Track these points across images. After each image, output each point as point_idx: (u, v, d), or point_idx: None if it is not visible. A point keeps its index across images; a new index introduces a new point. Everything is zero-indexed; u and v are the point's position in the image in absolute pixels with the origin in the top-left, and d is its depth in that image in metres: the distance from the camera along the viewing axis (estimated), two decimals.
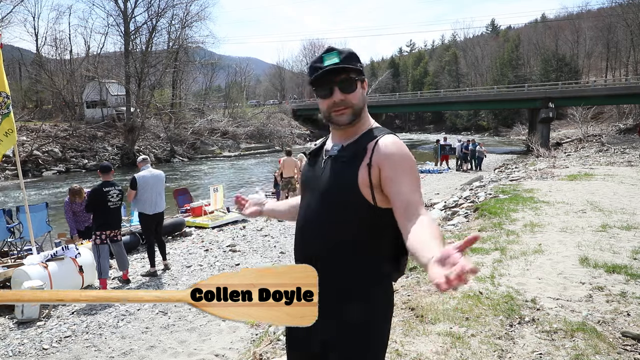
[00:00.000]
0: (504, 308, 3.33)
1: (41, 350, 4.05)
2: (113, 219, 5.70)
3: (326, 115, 1.45)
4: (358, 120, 1.45)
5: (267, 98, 71.42)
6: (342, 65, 1.38)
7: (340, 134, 1.50)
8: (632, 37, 44.86)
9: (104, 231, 5.58)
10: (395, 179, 1.34)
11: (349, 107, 1.41)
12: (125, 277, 5.94)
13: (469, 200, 9.09)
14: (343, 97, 1.40)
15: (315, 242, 1.43)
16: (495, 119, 60.47)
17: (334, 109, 1.42)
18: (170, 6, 37.07)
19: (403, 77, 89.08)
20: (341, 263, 1.42)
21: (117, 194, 5.66)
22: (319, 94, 1.44)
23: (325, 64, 1.39)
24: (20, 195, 12.99)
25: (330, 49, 1.42)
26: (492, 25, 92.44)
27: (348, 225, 1.41)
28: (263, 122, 47.35)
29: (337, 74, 1.39)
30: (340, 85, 1.39)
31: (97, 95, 37.02)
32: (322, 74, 1.39)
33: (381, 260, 1.45)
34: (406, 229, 1.26)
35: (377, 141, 1.41)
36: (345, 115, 1.42)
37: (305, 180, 1.56)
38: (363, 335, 1.42)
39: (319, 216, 1.43)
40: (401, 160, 1.37)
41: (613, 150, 21.36)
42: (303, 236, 1.48)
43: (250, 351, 3.47)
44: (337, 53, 1.40)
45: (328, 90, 1.41)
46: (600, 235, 5.32)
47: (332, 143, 1.53)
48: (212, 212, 10.03)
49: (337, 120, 1.43)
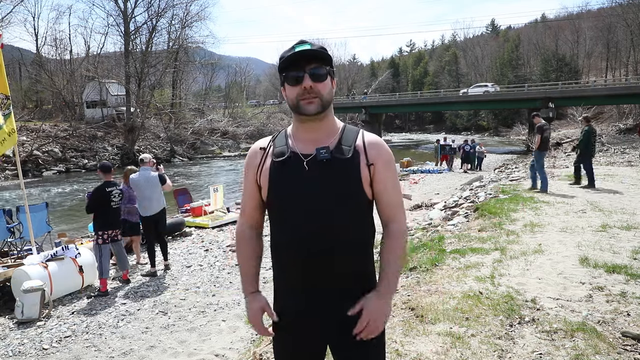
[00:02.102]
0: (504, 308, 3.33)
1: (41, 350, 4.05)
2: (114, 218, 5.71)
3: (294, 103, 1.42)
4: (325, 114, 1.44)
5: (267, 98, 71.36)
6: (313, 50, 1.38)
7: (312, 132, 1.45)
8: (632, 37, 44.85)
9: (106, 231, 5.57)
10: (385, 178, 1.45)
11: (318, 96, 1.40)
12: (125, 277, 5.95)
13: (469, 200, 9.09)
14: (313, 84, 1.38)
15: (324, 246, 1.40)
16: (495, 119, 60.50)
17: (303, 96, 1.39)
18: (170, 6, 37.13)
19: (403, 77, 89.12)
20: (352, 261, 1.44)
21: (119, 194, 5.67)
22: (288, 81, 1.42)
23: (297, 51, 1.38)
24: (20, 195, 13.00)
25: (302, 41, 1.42)
26: (492, 25, 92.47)
27: (358, 225, 1.45)
28: (263, 122, 47.38)
29: (308, 61, 1.38)
30: (311, 72, 1.39)
31: (97, 95, 37.04)
32: (292, 57, 1.38)
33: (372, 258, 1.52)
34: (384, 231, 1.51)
35: (364, 139, 1.47)
36: (313, 105, 1.40)
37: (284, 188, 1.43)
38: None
39: (327, 219, 1.39)
40: (390, 160, 1.48)
41: (613, 150, 21.36)
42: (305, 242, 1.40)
43: (250, 351, 3.47)
44: (309, 44, 1.40)
45: (298, 77, 1.39)
46: (600, 235, 5.33)
47: (299, 144, 1.45)
48: (212, 212, 10.03)
49: (305, 110, 1.40)
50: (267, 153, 1.50)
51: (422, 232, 7.00)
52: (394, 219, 1.49)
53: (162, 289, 5.59)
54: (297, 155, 1.44)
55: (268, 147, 1.51)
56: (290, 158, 1.44)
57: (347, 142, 1.44)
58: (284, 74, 1.43)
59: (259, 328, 1.53)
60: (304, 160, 1.42)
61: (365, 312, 1.40)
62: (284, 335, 1.53)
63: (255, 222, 1.60)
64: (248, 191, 1.56)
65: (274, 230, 1.50)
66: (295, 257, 1.42)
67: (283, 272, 1.50)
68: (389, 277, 1.45)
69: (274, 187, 1.45)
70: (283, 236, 1.46)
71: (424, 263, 4.64)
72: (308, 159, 1.42)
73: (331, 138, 1.45)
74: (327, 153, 1.40)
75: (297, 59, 1.38)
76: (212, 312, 4.78)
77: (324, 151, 1.40)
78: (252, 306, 1.53)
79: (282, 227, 1.46)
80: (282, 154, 1.45)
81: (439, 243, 5.54)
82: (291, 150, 1.45)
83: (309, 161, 1.41)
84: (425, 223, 7.91)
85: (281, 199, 1.45)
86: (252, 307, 1.53)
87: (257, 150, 1.53)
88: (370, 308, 1.41)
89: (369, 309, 1.40)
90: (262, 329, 1.53)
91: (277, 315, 1.51)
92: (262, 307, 1.52)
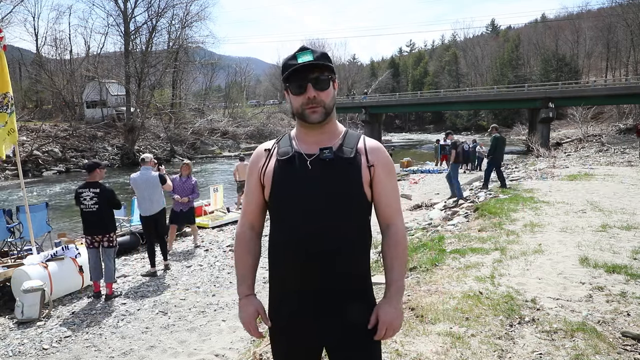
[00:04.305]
0: (504, 308, 3.33)
1: (41, 350, 4.05)
2: (88, 223, 5.20)
3: (299, 112, 1.46)
4: (329, 119, 1.48)
5: (267, 98, 71.38)
6: (316, 62, 1.41)
7: (315, 135, 1.49)
8: (632, 37, 44.85)
9: (86, 235, 5.26)
10: (384, 180, 1.49)
11: (322, 105, 1.44)
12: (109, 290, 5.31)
13: (469, 200, 9.10)
14: (316, 93, 1.42)
15: (324, 245, 1.40)
16: (495, 119, 60.40)
17: (308, 106, 1.43)
18: (170, 6, 37.18)
19: (403, 77, 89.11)
20: (351, 262, 1.45)
21: (92, 197, 5.10)
22: (292, 90, 1.45)
23: (299, 61, 1.41)
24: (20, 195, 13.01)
25: (303, 48, 1.45)
26: (492, 25, 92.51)
27: (358, 224, 1.46)
28: (263, 122, 47.39)
29: (310, 70, 1.41)
30: (314, 82, 1.42)
31: (97, 95, 37.07)
32: (296, 70, 1.41)
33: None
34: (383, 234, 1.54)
35: (365, 143, 1.51)
36: (317, 114, 1.44)
37: (288, 186, 1.46)
38: (366, 334, 1.46)
39: (328, 218, 1.41)
40: (390, 165, 1.53)
41: (613, 150, 21.38)
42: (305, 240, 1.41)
43: (250, 351, 3.47)
44: (311, 52, 1.43)
45: (302, 86, 1.42)
46: (600, 235, 5.32)
47: (303, 145, 1.49)
48: (212, 212, 10.03)
49: (309, 119, 1.44)
50: (272, 153, 1.53)
51: (422, 232, 7.00)
52: (393, 222, 1.52)
53: (162, 289, 5.59)
54: (301, 154, 1.47)
55: (273, 148, 1.55)
56: (294, 157, 1.47)
57: (349, 144, 1.49)
58: (287, 83, 1.46)
59: (252, 331, 1.55)
60: (308, 159, 1.45)
61: (382, 321, 1.44)
62: (280, 336, 1.54)
63: (256, 222, 1.62)
64: (251, 191, 1.58)
65: (273, 228, 1.52)
66: (293, 256, 1.43)
67: (280, 272, 1.50)
68: (397, 283, 1.48)
69: (276, 185, 1.48)
70: (282, 235, 1.47)
71: (424, 263, 4.64)
72: (311, 159, 1.45)
73: (334, 140, 1.49)
74: (330, 153, 1.44)
75: (299, 69, 1.41)
76: (212, 312, 4.78)
77: (327, 151, 1.44)
78: (247, 309, 1.54)
79: (282, 226, 1.48)
80: (287, 154, 1.49)
81: (439, 243, 5.54)
82: (295, 150, 1.49)
83: (312, 161, 1.45)
84: (425, 223, 7.91)
85: (283, 197, 1.47)
86: (247, 310, 1.54)
87: (262, 151, 1.57)
88: (386, 317, 1.45)
89: (385, 318, 1.44)
90: (256, 332, 1.55)
91: (273, 317, 1.53)
92: (257, 311, 1.54)
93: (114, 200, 5.27)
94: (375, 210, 1.53)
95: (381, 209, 1.52)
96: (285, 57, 1.47)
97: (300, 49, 1.45)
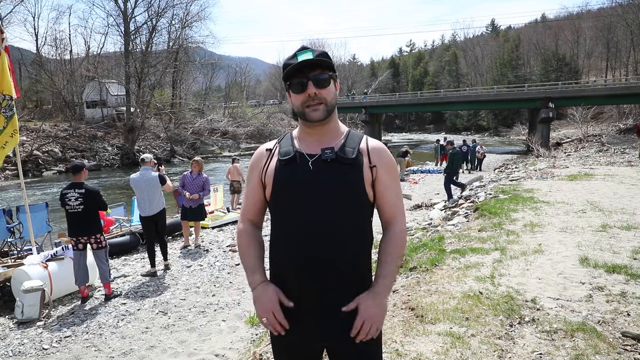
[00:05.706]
0: (504, 308, 3.32)
1: (41, 350, 4.05)
2: (73, 224, 5.10)
3: (300, 110, 1.46)
4: (330, 118, 1.48)
5: (267, 98, 71.40)
6: (316, 59, 1.41)
7: (317, 135, 1.49)
8: (632, 37, 44.83)
9: (71, 237, 5.16)
10: (387, 181, 1.49)
11: (323, 102, 1.44)
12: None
13: (469, 200, 9.10)
14: (317, 91, 1.42)
15: (326, 244, 1.40)
16: (495, 119, 60.49)
17: (308, 103, 1.43)
18: (170, 6, 37.20)
19: (403, 77, 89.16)
20: (351, 262, 1.44)
21: (77, 198, 5.00)
22: (293, 89, 1.45)
23: (300, 59, 1.41)
24: (20, 195, 13.00)
25: (304, 48, 1.45)
26: (492, 25, 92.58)
27: (359, 224, 1.46)
28: (263, 122, 47.38)
29: (311, 68, 1.42)
30: (314, 79, 1.42)
31: (97, 95, 37.06)
32: (296, 68, 1.41)
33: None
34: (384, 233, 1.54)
35: (367, 143, 1.51)
36: (319, 111, 1.44)
37: (289, 186, 1.45)
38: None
39: (329, 217, 1.40)
40: (392, 165, 1.53)
41: (613, 150, 21.36)
42: (307, 239, 1.41)
43: (250, 351, 3.47)
44: (311, 51, 1.43)
45: (302, 84, 1.43)
46: (600, 235, 5.32)
47: (305, 145, 1.49)
48: (212, 212, 10.03)
49: (311, 117, 1.44)
50: (273, 153, 1.53)
51: (422, 232, 7.00)
52: (395, 220, 1.53)
53: (162, 289, 5.59)
54: (303, 155, 1.47)
55: (274, 148, 1.55)
56: (295, 157, 1.47)
57: (351, 144, 1.49)
58: (288, 82, 1.46)
59: (277, 314, 1.42)
60: (309, 160, 1.45)
61: (360, 311, 1.41)
62: (281, 336, 1.51)
63: (256, 221, 1.62)
64: (251, 191, 1.58)
65: (274, 228, 1.51)
66: (294, 256, 1.43)
67: (281, 272, 1.50)
68: (385, 277, 1.46)
69: (278, 185, 1.47)
70: (283, 235, 1.47)
71: (424, 263, 4.64)
72: (313, 159, 1.45)
73: (336, 140, 1.49)
74: (331, 153, 1.44)
75: (300, 67, 1.41)
76: (212, 312, 4.78)
77: (329, 151, 1.44)
78: (266, 293, 1.45)
79: (282, 226, 1.48)
80: (288, 154, 1.48)
81: (439, 243, 5.54)
82: (296, 150, 1.49)
83: (314, 161, 1.45)
84: (425, 223, 7.91)
85: (284, 197, 1.46)
86: (266, 294, 1.45)
87: (263, 152, 1.57)
88: (366, 312, 1.40)
89: (364, 309, 1.41)
90: (281, 316, 1.43)
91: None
92: (277, 293, 1.45)
93: (99, 200, 5.16)
94: (378, 210, 1.54)
95: (384, 209, 1.52)
96: (286, 57, 1.48)
97: (300, 48, 1.45)
